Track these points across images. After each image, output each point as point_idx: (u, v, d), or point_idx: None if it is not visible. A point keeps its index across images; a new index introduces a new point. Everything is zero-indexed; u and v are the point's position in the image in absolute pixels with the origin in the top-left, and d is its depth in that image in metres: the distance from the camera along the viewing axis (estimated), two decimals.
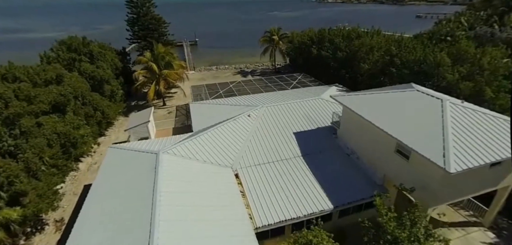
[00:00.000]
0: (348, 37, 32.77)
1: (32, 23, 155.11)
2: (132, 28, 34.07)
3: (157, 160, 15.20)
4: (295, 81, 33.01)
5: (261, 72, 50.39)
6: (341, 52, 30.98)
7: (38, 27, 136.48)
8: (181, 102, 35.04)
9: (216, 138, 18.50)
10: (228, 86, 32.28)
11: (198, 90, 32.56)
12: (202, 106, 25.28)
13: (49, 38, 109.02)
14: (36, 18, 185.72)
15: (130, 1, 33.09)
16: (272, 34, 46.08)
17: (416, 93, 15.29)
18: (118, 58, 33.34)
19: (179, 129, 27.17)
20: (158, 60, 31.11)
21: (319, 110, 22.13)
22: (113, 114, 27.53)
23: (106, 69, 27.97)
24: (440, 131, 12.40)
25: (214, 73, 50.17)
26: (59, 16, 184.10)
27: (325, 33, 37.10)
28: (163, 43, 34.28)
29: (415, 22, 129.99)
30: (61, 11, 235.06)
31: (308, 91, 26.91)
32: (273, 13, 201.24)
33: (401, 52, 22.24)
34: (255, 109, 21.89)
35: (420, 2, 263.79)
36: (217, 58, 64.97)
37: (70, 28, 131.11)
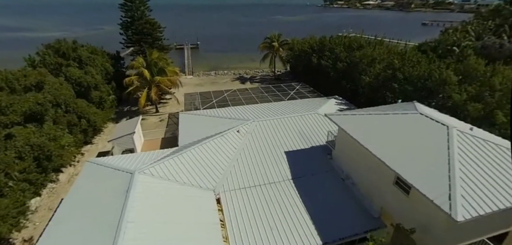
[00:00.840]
0: (350, 46, 31.25)
1: (35, 22, 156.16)
2: (126, 32, 32.96)
3: (131, 182, 13.86)
4: (293, 91, 31.54)
5: (260, 78, 49.03)
6: (341, 62, 29.47)
7: (41, 26, 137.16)
8: (175, 110, 33.76)
9: (201, 156, 17.10)
10: (222, 95, 30.93)
11: (191, 98, 31.27)
12: (192, 117, 23.92)
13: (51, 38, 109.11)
14: (40, 17, 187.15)
15: (124, 4, 32.02)
16: (272, 40, 44.75)
17: (419, 117, 13.72)
18: (110, 62, 32.26)
19: (169, 140, 25.88)
20: (151, 66, 29.94)
21: (314, 127, 20.61)
22: (101, 122, 26.33)
23: (95, 74, 26.83)
24: (445, 165, 10.84)
25: (213, 79, 48.95)
26: (63, 16, 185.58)
27: (326, 41, 35.63)
28: (158, 48, 33.14)
29: (421, 29, 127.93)
30: (66, 11, 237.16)
31: (304, 104, 25.42)
32: (277, 17, 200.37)
33: (404, 66, 20.67)
34: (246, 124, 20.47)
35: (426, 9, 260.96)
36: (217, 62, 63.86)
37: (73, 28, 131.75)
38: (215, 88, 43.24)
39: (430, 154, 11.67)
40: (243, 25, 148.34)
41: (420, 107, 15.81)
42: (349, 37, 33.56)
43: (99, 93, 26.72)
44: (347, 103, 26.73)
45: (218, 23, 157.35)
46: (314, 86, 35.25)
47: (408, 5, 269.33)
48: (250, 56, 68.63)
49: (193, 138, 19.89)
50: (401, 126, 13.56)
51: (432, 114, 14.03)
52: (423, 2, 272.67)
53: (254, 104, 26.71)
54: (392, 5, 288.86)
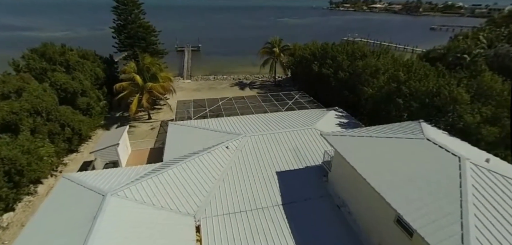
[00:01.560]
0: (353, 55, 29.50)
1: (39, 22, 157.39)
2: (119, 36, 31.77)
3: (101, 206, 12.45)
4: (291, 101, 29.90)
5: (260, 84, 47.52)
6: (343, 72, 27.75)
7: (44, 25, 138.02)
8: (168, 117, 32.37)
9: (183, 176, 15.61)
10: (217, 104, 29.47)
11: (184, 106, 29.88)
12: (181, 129, 22.50)
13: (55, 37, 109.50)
14: (43, 17, 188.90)
15: (116, 7, 30.87)
16: (273, 45, 43.19)
17: (426, 144, 11.98)
18: (103, 67, 31.13)
19: (158, 151, 24.42)
20: (143, 72, 28.67)
21: (310, 144, 18.96)
22: (87, 130, 25.10)
23: (84, 80, 25.65)
24: (457, 208, 9.13)
25: (211, 84, 47.62)
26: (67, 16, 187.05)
27: (328, 48, 33.92)
28: (152, 53, 31.89)
29: (429, 34, 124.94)
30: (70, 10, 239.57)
31: (302, 116, 23.77)
32: (283, 19, 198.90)
33: (410, 80, 18.89)
34: (236, 139, 18.94)
35: (435, 13, 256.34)
36: (218, 65, 62.57)
37: (76, 28, 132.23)
38: (212, 94, 41.91)
39: (439, 191, 9.95)
40: (247, 27, 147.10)
41: (427, 129, 14.07)
42: (352, 45, 31.78)
43: (87, 99, 25.52)
44: (348, 116, 25.01)
45: (221, 25, 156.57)
46: (314, 95, 33.58)
47: (416, 9, 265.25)
48: (252, 60, 67.02)
49: (179, 153, 18.45)
50: (406, 153, 11.85)
51: (441, 139, 12.28)
52: (432, 6, 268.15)
53: (249, 115, 25.17)
54: (399, 9, 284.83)
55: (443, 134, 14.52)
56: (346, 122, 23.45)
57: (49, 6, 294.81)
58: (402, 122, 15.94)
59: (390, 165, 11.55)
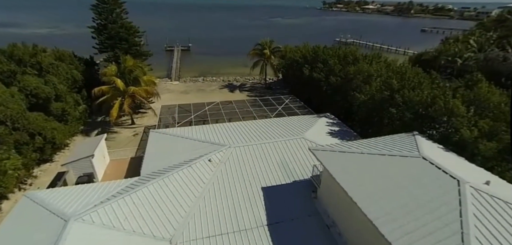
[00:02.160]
0: (344, 59, 28.56)
1: (23, 18, 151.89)
2: (99, 37, 29.93)
3: (62, 233, 11.04)
4: (281, 106, 28.77)
5: (250, 87, 46.30)
6: (335, 77, 26.76)
7: (28, 22, 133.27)
8: (153, 122, 30.79)
9: (160, 194, 14.24)
10: (203, 109, 28.09)
11: (169, 111, 28.41)
12: (162, 138, 21.06)
13: (40, 35, 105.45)
14: (29, 12, 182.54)
15: (96, 6, 29.02)
16: (264, 47, 41.99)
17: (423, 164, 10.98)
18: (81, 68, 29.32)
19: (139, 160, 22.77)
20: (125, 75, 27.03)
21: (299, 156, 17.85)
22: (62, 137, 23.35)
23: (58, 84, 23.88)
24: (458, 240, 8.12)
25: (200, 86, 46.12)
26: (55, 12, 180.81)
27: (319, 51, 32.93)
28: (134, 55, 30.20)
29: (420, 36, 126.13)
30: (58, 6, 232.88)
31: (291, 124, 22.64)
32: (276, 19, 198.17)
33: (404, 89, 17.97)
34: (221, 150, 17.66)
35: (425, 15, 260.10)
36: (208, 66, 61.07)
37: (63, 25, 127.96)
38: (200, 96, 40.53)
39: (437, 219, 8.94)
40: (240, 27, 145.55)
41: (422, 143, 13.12)
42: (344, 49, 30.85)
43: (62, 104, 23.77)
44: (340, 123, 24.04)
45: (214, 24, 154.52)
46: (306, 100, 32.58)
47: (407, 10, 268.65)
48: (243, 61, 65.63)
49: (158, 165, 17.08)
50: (401, 175, 10.81)
51: (437, 157, 11.32)
52: (423, 8, 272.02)
53: (236, 122, 23.91)
54: (391, 10, 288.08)
55: (438, 148, 13.60)
56: (338, 130, 22.46)
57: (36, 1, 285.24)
58: (395, 135, 14.96)
59: (384, 188, 10.48)
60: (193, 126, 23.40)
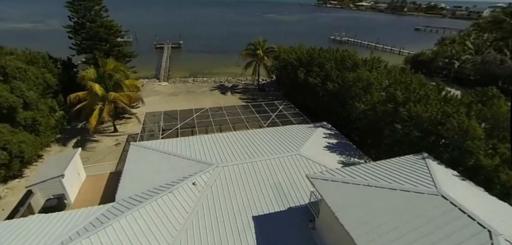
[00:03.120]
0: (342, 63, 26.85)
1: (8, 11, 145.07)
2: (75, 37, 27.29)
3: None
4: (275, 114, 26.91)
5: (242, 88, 44.28)
6: (332, 83, 25.03)
7: (13, 15, 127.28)
8: (137, 129, 28.54)
9: (134, 229, 12.22)
10: (191, 116, 26.00)
11: (154, 119, 26.24)
12: (143, 153, 18.98)
13: (23, 30, 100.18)
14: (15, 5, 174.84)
15: (71, 3, 26.38)
16: (256, 47, 39.95)
17: (443, 204, 9.30)
18: (57, 71, 26.80)
19: (119, 176, 20.75)
20: (104, 79, 24.69)
21: (295, 177, 16.08)
22: (33, 151, 20.99)
23: (27, 90, 21.43)
24: None
25: (189, 87, 43.82)
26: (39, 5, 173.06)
27: (315, 54, 31.14)
28: (116, 56, 27.77)
29: (414, 35, 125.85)
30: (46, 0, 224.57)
31: (286, 136, 20.84)
32: (269, 15, 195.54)
33: (409, 102, 16.33)
34: (207, 171, 15.73)
35: (418, 13, 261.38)
36: (199, 65, 58.65)
37: (48, 19, 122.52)
38: (190, 99, 38.37)
39: None
40: (233, 23, 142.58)
41: (434, 169, 11.52)
42: (342, 52, 29.12)
43: (32, 113, 21.36)
44: (338, 134, 22.38)
45: (206, 20, 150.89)
46: (300, 105, 30.88)
47: (401, 8, 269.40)
48: (236, 60, 63.29)
49: (136, 189, 15.07)
50: (417, 218, 9.11)
51: (458, 195, 9.67)
52: (416, 6, 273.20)
53: (225, 133, 21.94)
54: (385, 8, 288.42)
55: (454, 176, 12.01)
56: (336, 142, 20.78)
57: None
58: (403, 158, 13.30)
59: (398, 236, 8.76)
60: (179, 138, 21.33)
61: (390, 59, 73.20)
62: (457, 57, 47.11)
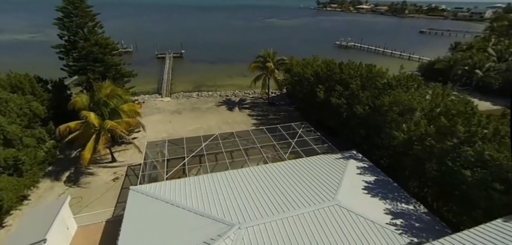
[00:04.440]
0: (369, 80, 23.66)
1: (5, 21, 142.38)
2: (66, 58, 23.93)
3: None
4: (294, 140, 23.56)
5: (251, 103, 41.08)
6: (361, 105, 21.81)
7: (10, 26, 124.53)
8: (138, 158, 25.26)
9: None
10: (199, 146, 22.72)
11: (157, 147, 23.00)
12: (145, 202, 15.69)
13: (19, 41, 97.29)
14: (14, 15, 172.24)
15: (61, 19, 23.11)
16: (266, 59, 36.79)
17: None
18: (46, 96, 23.62)
19: (117, 225, 17.44)
20: (100, 106, 21.48)
21: (335, 236, 12.76)
22: (13, 196, 17.68)
23: (8, 124, 18.20)
24: None
25: (194, 103, 40.61)
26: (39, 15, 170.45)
27: (335, 68, 27.95)
28: (113, 77, 24.58)
29: (420, 38, 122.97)
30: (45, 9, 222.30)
31: (314, 173, 17.60)
32: (271, 20, 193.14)
33: (473, 138, 13.04)
34: (227, 235, 12.41)
35: (419, 15, 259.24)
36: (202, 76, 55.58)
37: (46, 29, 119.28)
38: (195, 117, 35.21)
39: None
40: (235, 30, 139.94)
41: None
42: (367, 67, 25.86)
43: (13, 152, 18.11)
44: (372, 167, 19.17)
45: (206, 26, 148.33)
46: (317, 124, 27.82)
47: (401, 10, 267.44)
48: (241, 69, 60.53)
49: None
50: None
51: None
52: (417, 8, 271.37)
53: (241, 169, 18.66)
54: (385, 10, 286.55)
55: None
56: (373, 180, 17.51)
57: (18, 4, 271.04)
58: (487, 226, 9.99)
59: None
60: (188, 178, 18.03)
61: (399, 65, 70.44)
62: (480, 66, 43.91)
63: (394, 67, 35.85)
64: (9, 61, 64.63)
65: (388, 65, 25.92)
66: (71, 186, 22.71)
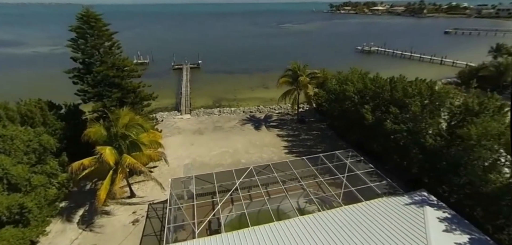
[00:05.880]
0: (435, 101, 19.45)
1: (28, 34, 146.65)
2: (81, 83, 21.02)
3: None
4: (344, 176, 19.56)
5: (278, 120, 37.41)
6: (430, 136, 17.64)
7: (32, 39, 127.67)
8: (159, 193, 22.12)
9: None
10: (231, 182, 19.23)
11: (182, 184, 19.72)
12: None
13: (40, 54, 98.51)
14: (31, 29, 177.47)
15: (74, 41, 20.27)
16: (297, 73, 33.06)
17: None
18: (59, 126, 20.96)
19: None
20: (117, 140, 18.47)
21: None
22: None
23: (12, 165, 15.42)
24: None
25: (216, 121, 37.39)
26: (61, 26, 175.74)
27: (385, 84, 23.88)
28: (132, 103, 21.59)
29: (446, 39, 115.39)
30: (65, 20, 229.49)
31: (388, 233, 13.60)
32: (285, 25, 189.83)
33: None
34: None
35: (439, 14, 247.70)
36: (222, 89, 52.57)
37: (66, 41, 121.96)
38: (218, 138, 31.99)
39: None
40: (249, 36, 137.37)
41: None
42: (429, 85, 21.51)
43: (18, 198, 15.26)
44: (454, 216, 15.02)
45: (222, 35, 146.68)
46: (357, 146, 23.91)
47: (420, 10, 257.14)
48: (262, 80, 57.32)
49: None
50: None
51: None
52: (436, 7, 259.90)
53: (289, 221, 14.96)
54: (402, 11, 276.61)
55: None
56: (467, 240, 13.30)
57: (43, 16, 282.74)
58: None
59: None
60: (224, 234, 14.50)
61: (431, 71, 64.74)
62: None
63: (426, 73, 31.04)
64: (30, 75, 64.78)
65: (419, 72, 21.80)
66: (85, 230, 19.77)
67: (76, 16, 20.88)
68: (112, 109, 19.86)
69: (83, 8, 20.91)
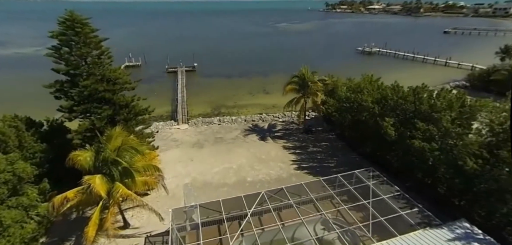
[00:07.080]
0: (466, 115, 17.18)
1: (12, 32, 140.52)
2: (65, 98, 18.00)
3: None
4: (370, 202, 17.19)
5: (283, 129, 34.93)
6: (470, 158, 15.36)
7: (16, 38, 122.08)
8: (156, 223, 19.34)
9: None
10: (241, 212, 16.70)
11: (185, 215, 17.03)
12: None
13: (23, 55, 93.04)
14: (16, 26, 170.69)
15: (56, 50, 17.28)
16: (305, 81, 30.56)
17: None
18: (39, 148, 18.08)
19: None
20: (108, 166, 15.74)
21: None
22: None
23: None
24: None
25: (216, 131, 34.69)
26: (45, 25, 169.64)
27: (409, 96, 21.55)
28: (125, 119, 18.79)
29: (446, 39, 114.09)
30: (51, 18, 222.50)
31: None
32: (281, 24, 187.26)
33: None
34: None
35: (436, 13, 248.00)
36: (220, 94, 49.76)
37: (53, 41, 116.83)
38: (220, 153, 29.26)
39: None
40: (246, 36, 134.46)
41: None
42: (458, 97, 19.27)
43: None
44: None
45: (216, 32, 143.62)
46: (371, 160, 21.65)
47: (417, 9, 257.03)
48: (262, 84, 54.76)
49: None
50: None
51: None
52: (433, 6, 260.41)
53: None
54: (399, 10, 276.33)
55: None
56: None
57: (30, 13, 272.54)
58: None
59: None
60: None
61: (436, 73, 62.76)
62: None
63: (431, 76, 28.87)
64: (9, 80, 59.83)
65: (424, 74, 19.84)
66: None
67: (58, 20, 17.97)
68: (101, 128, 17.03)
69: (66, 11, 18.00)
